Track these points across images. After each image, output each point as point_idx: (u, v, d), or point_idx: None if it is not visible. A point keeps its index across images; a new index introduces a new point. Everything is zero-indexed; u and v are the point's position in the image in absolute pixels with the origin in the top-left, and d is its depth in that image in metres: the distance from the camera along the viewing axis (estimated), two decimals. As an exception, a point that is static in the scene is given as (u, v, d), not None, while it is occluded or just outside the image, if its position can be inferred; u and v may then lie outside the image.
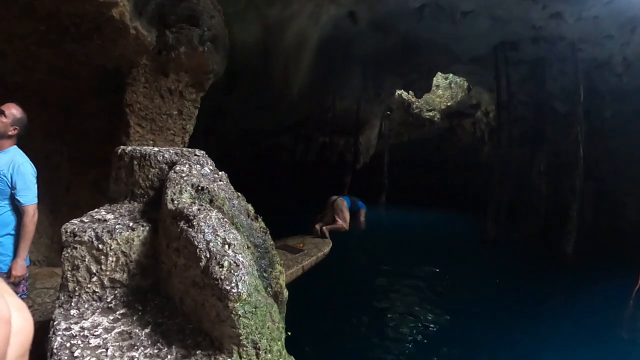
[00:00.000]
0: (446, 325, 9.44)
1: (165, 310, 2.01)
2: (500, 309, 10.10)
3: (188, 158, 2.66)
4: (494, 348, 8.32)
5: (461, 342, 8.54)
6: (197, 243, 1.81)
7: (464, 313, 9.97)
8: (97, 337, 1.82)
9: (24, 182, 3.44)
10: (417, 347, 8.43)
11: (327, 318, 9.10)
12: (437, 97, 22.29)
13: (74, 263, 2.13)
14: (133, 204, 2.64)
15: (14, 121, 3.46)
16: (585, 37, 12.97)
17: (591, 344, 8.37)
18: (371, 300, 10.60)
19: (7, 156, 3.44)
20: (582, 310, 10.10)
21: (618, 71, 13.92)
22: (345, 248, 12.49)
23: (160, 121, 5.89)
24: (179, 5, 5.68)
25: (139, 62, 5.68)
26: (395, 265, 13.17)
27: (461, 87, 21.93)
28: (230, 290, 1.66)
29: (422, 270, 12.87)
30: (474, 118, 22.04)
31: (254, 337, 1.70)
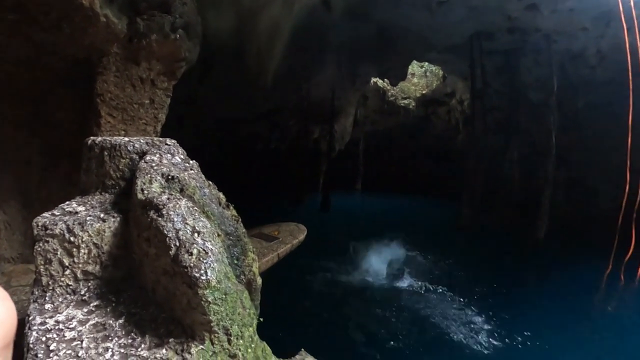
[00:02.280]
0: (420, 304, 9.69)
1: (138, 301, 2.02)
2: (473, 291, 10.40)
3: (159, 147, 2.65)
4: (467, 325, 8.63)
5: (435, 321, 8.83)
6: (166, 232, 1.82)
7: (439, 294, 10.25)
8: (72, 329, 1.82)
9: None
10: (391, 328, 8.67)
11: (301, 303, 9.23)
12: (412, 85, 22.41)
13: (47, 257, 2.11)
14: (104, 196, 2.61)
15: None
16: (560, 29, 13.17)
17: (561, 324, 8.70)
18: (346, 286, 10.78)
19: None
20: (552, 292, 10.45)
21: (592, 63, 14.18)
22: (321, 235, 12.56)
23: (131, 110, 5.80)
24: None
25: (110, 50, 5.56)
26: (371, 250, 13.36)
27: (436, 75, 22.07)
28: (199, 277, 1.68)
29: (397, 254, 13.11)
30: (448, 106, 22.23)
31: (225, 323, 1.73)
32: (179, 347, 1.68)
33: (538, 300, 9.94)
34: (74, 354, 1.66)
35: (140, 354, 1.64)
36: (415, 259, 13.19)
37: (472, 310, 9.38)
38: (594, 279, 11.56)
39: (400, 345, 8.06)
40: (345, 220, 17.88)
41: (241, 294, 1.89)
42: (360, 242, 13.77)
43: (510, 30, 13.98)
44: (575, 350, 7.83)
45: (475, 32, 14.40)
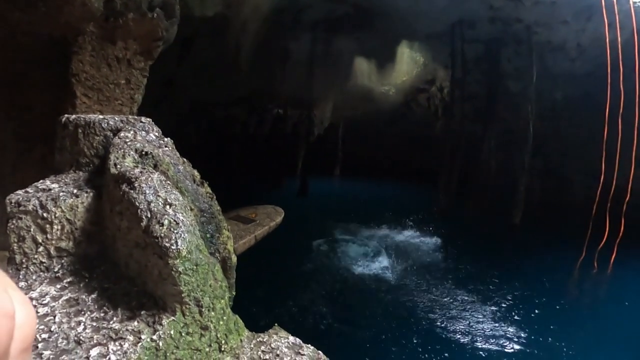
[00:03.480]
0: (399, 287, 9.83)
1: (111, 276, 2.02)
2: (447, 272, 10.63)
3: (133, 125, 2.63)
4: (444, 307, 8.80)
5: (415, 302, 8.98)
6: (138, 204, 1.83)
7: (417, 275, 10.42)
8: (45, 305, 1.82)
9: None
10: (364, 307, 8.85)
11: (277, 283, 9.33)
12: (393, 71, 22.39)
13: (20, 234, 2.10)
14: (78, 174, 2.60)
15: None
16: (541, 20, 13.35)
17: (532, 309, 8.93)
18: (321, 268, 10.90)
19: None
20: (525, 277, 10.69)
21: (572, 56, 14.41)
22: (298, 218, 12.64)
23: (107, 91, 5.73)
24: None
25: (86, 29, 5.48)
26: (348, 233, 13.51)
27: (417, 62, 22.09)
28: (169, 247, 1.70)
29: (374, 237, 13.29)
30: (428, 93, 22.32)
31: (195, 294, 1.75)
32: (151, 319, 1.70)
33: (511, 285, 10.17)
34: (46, 329, 1.66)
35: (112, 326, 1.66)
36: (393, 241, 13.38)
37: (446, 291, 9.59)
38: (568, 266, 11.87)
39: (372, 323, 8.22)
40: (323, 205, 17.93)
41: (213, 266, 1.92)
42: (338, 225, 13.90)
43: (492, 20, 14.12)
44: (546, 335, 8.02)
45: (457, 20, 14.51)
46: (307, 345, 2.01)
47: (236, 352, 1.92)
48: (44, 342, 1.59)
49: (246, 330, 2.11)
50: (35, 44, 5.71)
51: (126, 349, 1.53)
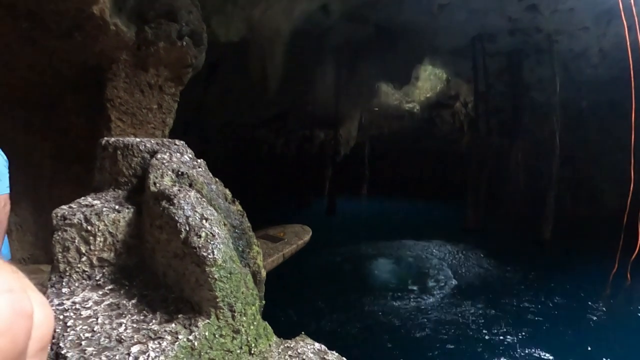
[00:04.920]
0: (426, 304, 9.77)
1: (150, 284, 2.19)
2: (480, 292, 10.45)
3: (168, 147, 2.82)
4: (476, 324, 8.69)
5: (446, 321, 8.88)
6: (177, 218, 2.00)
7: (448, 295, 10.31)
8: (88, 309, 1.98)
9: None
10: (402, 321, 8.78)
11: (304, 298, 9.42)
12: (416, 88, 22.50)
13: (64, 245, 2.28)
14: (117, 192, 2.79)
15: None
16: (561, 29, 13.26)
17: (566, 325, 8.73)
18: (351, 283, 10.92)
19: None
20: (558, 293, 10.44)
21: (594, 62, 14.25)
22: (326, 237, 12.71)
23: (140, 115, 6.01)
24: (157, 1, 5.79)
25: (119, 57, 5.77)
26: (376, 251, 13.49)
27: (440, 78, 22.17)
28: (207, 256, 1.86)
29: (402, 254, 13.25)
30: (453, 109, 22.34)
31: (229, 300, 1.90)
32: (187, 321, 1.85)
33: (544, 301, 9.97)
34: (89, 328, 1.82)
35: (151, 327, 1.82)
36: (420, 258, 13.31)
37: (475, 309, 9.46)
38: (600, 280, 11.56)
39: (397, 337, 8.21)
40: (350, 223, 17.99)
41: (245, 275, 2.07)
42: (365, 243, 13.92)
43: (512, 32, 14.12)
44: (580, 351, 7.84)
45: (477, 35, 14.57)
46: (331, 352, 2.11)
47: (265, 355, 2.04)
48: (87, 341, 1.74)
49: (274, 336, 2.25)
50: (71, 70, 6.02)
51: (164, 347, 1.68)
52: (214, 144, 15.03)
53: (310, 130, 19.08)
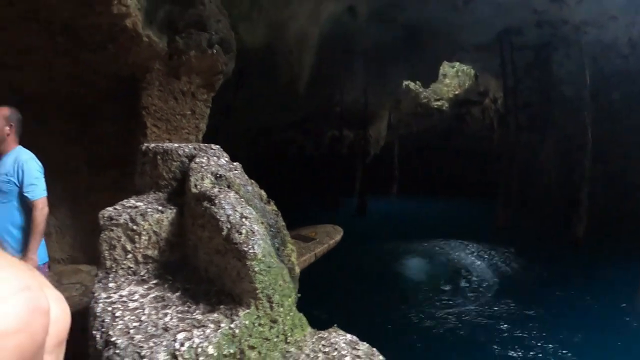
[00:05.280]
0: (457, 304, 9.70)
1: (192, 279, 2.36)
2: (512, 292, 10.29)
3: (206, 151, 3.00)
4: (508, 325, 8.58)
5: (478, 321, 8.81)
6: (219, 217, 2.16)
7: (479, 295, 10.21)
8: (135, 301, 2.16)
9: (29, 178, 3.49)
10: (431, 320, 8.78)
11: (336, 296, 9.47)
12: (444, 86, 22.29)
13: (111, 243, 2.47)
14: (158, 194, 2.98)
15: (6, 121, 3.51)
16: (588, 19, 12.97)
17: (602, 326, 8.51)
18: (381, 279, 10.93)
19: (11, 157, 3.53)
20: (594, 292, 10.18)
21: (624, 53, 13.91)
22: (357, 237, 12.74)
23: (174, 121, 6.24)
24: (187, 12, 5.97)
25: (152, 67, 5.98)
26: (407, 251, 13.45)
27: (468, 75, 21.95)
28: (248, 251, 2.00)
29: (433, 254, 13.18)
30: (482, 106, 22.08)
31: (268, 292, 2.04)
32: (229, 312, 1.99)
33: (577, 303, 9.68)
34: (137, 319, 1.99)
35: (195, 317, 1.97)
36: (450, 258, 13.23)
37: (507, 309, 9.33)
38: (636, 279, 11.23)
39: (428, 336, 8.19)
40: (381, 223, 17.97)
41: (282, 270, 2.20)
42: (396, 242, 13.91)
43: (539, 25, 13.85)
44: (620, 351, 7.62)
45: (503, 29, 14.36)
46: (362, 343, 2.21)
47: (300, 344, 2.17)
48: (134, 329, 1.90)
49: (309, 327, 2.37)
50: (106, 80, 6.24)
51: (208, 334, 1.83)
52: (244, 148, 15.25)
53: (340, 130, 19.13)
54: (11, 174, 3.44)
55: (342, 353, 2.08)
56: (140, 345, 1.76)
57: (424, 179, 24.85)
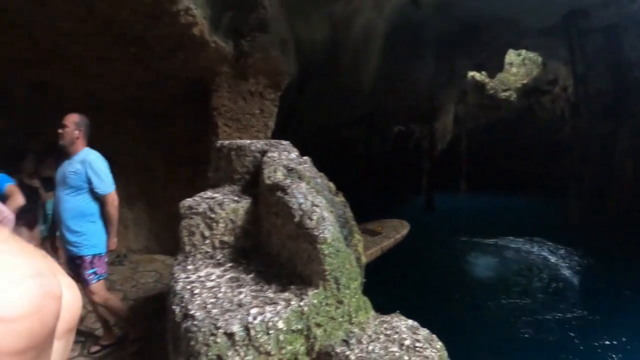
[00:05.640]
0: (528, 303, 9.45)
1: (264, 263, 2.57)
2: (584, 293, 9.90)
3: (277, 147, 3.23)
4: (578, 328, 8.26)
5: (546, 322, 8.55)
6: (292, 205, 2.36)
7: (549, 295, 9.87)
8: (212, 281, 2.39)
9: (97, 175, 3.78)
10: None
11: (401, 290, 9.47)
12: (511, 75, 21.42)
13: (190, 230, 2.73)
14: (232, 187, 3.24)
15: (76, 126, 3.86)
16: (659, -5, 12.10)
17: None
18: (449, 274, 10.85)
19: (79, 157, 3.86)
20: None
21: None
22: (424, 233, 12.66)
23: (244, 120, 6.57)
24: (249, 16, 6.22)
25: (221, 70, 6.31)
26: (476, 247, 13.21)
27: (535, 62, 21.01)
28: (318, 235, 2.18)
29: (503, 251, 12.88)
30: (551, 95, 21.11)
31: (335, 274, 2.20)
32: (298, 291, 2.18)
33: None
34: (213, 296, 2.21)
35: (267, 295, 2.17)
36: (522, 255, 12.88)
37: (577, 311, 8.96)
38: None
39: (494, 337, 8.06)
40: (449, 219, 17.63)
41: (349, 254, 2.36)
42: (465, 239, 13.70)
43: (605, 4, 12.94)
44: None
45: (568, 11, 13.58)
46: (423, 328, 2.32)
47: (363, 325, 2.31)
48: (211, 304, 2.12)
49: (372, 310, 2.52)
50: (177, 84, 6.65)
51: (278, 310, 2.02)
52: (311, 144, 15.49)
53: (406, 125, 18.94)
54: (80, 171, 3.77)
55: (403, 336, 2.19)
56: (216, 318, 1.96)
57: (492, 173, 24.00)
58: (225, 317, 1.97)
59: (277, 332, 1.95)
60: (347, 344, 2.13)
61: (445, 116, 19.78)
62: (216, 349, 1.91)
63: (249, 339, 1.90)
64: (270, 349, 1.94)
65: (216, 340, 1.89)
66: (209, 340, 1.90)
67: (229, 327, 1.90)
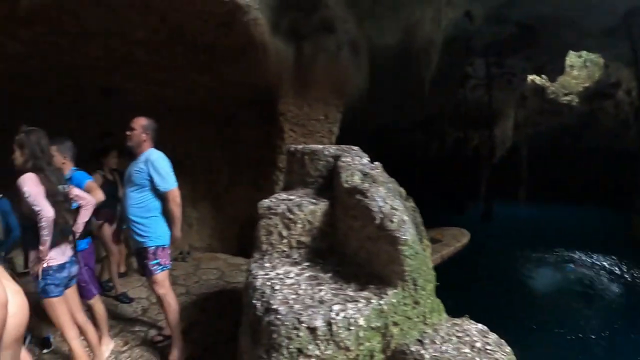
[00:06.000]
0: (591, 324, 9.08)
1: (341, 263, 2.67)
2: None
3: (349, 152, 3.35)
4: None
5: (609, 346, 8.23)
6: (372, 208, 2.46)
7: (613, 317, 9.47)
8: (291, 278, 2.51)
9: (158, 173, 3.92)
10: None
11: (460, 299, 9.32)
12: (572, 78, 20.51)
13: (268, 229, 2.87)
14: (305, 190, 3.37)
15: (143, 129, 4.05)
16: None
17: None
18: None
19: (144, 156, 4.02)
20: None
21: None
22: (483, 242, 12.44)
23: (309, 125, 6.70)
24: (311, 16, 6.22)
25: (284, 74, 6.36)
26: (536, 260, 12.84)
27: (597, 64, 20.03)
28: (400, 237, 2.27)
29: (563, 265, 12.46)
30: (615, 99, 20.11)
31: (414, 275, 2.28)
32: (377, 290, 2.27)
33: None
34: (294, 292, 2.32)
35: (347, 293, 2.27)
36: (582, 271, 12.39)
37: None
38: None
39: None
40: (508, 230, 17.04)
41: (425, 257, 2.45)
42: (524, 251, 13.35)
43: None
44: None
45: (629, 10, 12.86)
46: (492, 333, 2.39)
47: (436, 327, 2.39)
48: (293, 300, 2.23)
49: (444, 313, 2.59)
50: (242, 90, 6.79)
51: (360, 308, 2.11)
52: (370, 148, 15.51)
53: (464, 131, 18.57)
54: (143, 170, 3.94)
55: (474, 339, 2.27)
56: (299, 313, 2.07)
57: (554, 182, 23.01)
58: (308, 312, 2.07)
59: (357, 329, 2.04)
60: (421, 344, 2.21)
61: (504, 122, 19.25)
62: (298, 343, 2.01)
63: (331, 334, 1.99)
64: (350, 345, 2.03)
65: (299, 334, 1.99)
66: (291, 334, 2.01)
67: (312, 322, 2.00)
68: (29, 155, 3.28)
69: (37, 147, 3.30)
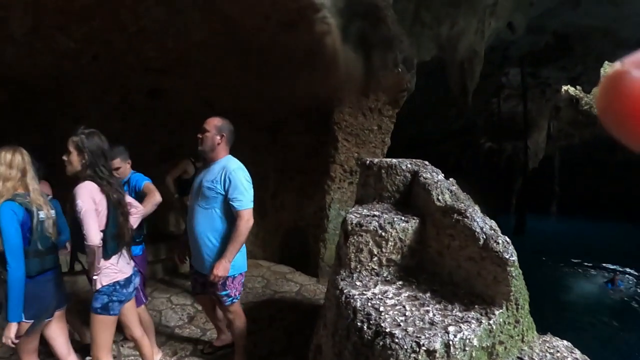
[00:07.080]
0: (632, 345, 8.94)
1: (434, 282, 2.70)
2: None
3: (425, 168, 3.38)
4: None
5: None
6: (474, 228, 2.48)
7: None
8: (391, 299, 2.50)
9: (235, 187, 3.47)
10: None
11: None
12: (607, 90, 20.19)
13: (358, 247, 2.87)
14: (382, 205, 3.40)
15: (217, 130, 3.60)
16: None
17: None
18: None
19: (219, 165, 3.57)
20: None
21: None
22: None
23: (363, 136, 6.75)
24: (375, 32, 6.19)
25: (347, 86, 6.36)
26: (570, 277, 12.67)
27: (633, 74, 19.68)
28: (508, 258, 2.31)
29: (597, 282, 12.28)
30: (654, 109, 19.69)
31: (516, 295, 2.33)
32: (483, 311, 2.31)
33: None
34: (401, 314, 2.33)
35: (455, 314, 2.30)
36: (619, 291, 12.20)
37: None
38: None
39: None
40: (541, 244, 16.83)
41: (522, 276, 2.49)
42: (558, 266, 13.16)
43: None
44: None
45: None
46: (575, 348, 2.46)
47: (531, 344, 2.44)
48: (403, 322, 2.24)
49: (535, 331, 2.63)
50: (300, 98, 6.87)
51: (474, 328, 2.16)
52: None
53: (498, 142, 18.46)
54: (217, 181, 3.48)
55: (564, 355, 2.34)
56: (417, 336, 2.09)
57: (588, 196, 22.64)
58: (425, 334, 2.09)
59: (471, 349, 2.08)
60: (521, 361, 2.26)
61: (537, 133, 19.07)
62: (417, 366, 2.03)
63: (447, 356, 2.02)
64: (464, 365, 2.08)
65: (417, 357, 2.01)
66: (410, 357, 2.02)
67: (432, 345, 2.02)
68: (89, 161, 2.97)
69: (99, 153, 3.01)
